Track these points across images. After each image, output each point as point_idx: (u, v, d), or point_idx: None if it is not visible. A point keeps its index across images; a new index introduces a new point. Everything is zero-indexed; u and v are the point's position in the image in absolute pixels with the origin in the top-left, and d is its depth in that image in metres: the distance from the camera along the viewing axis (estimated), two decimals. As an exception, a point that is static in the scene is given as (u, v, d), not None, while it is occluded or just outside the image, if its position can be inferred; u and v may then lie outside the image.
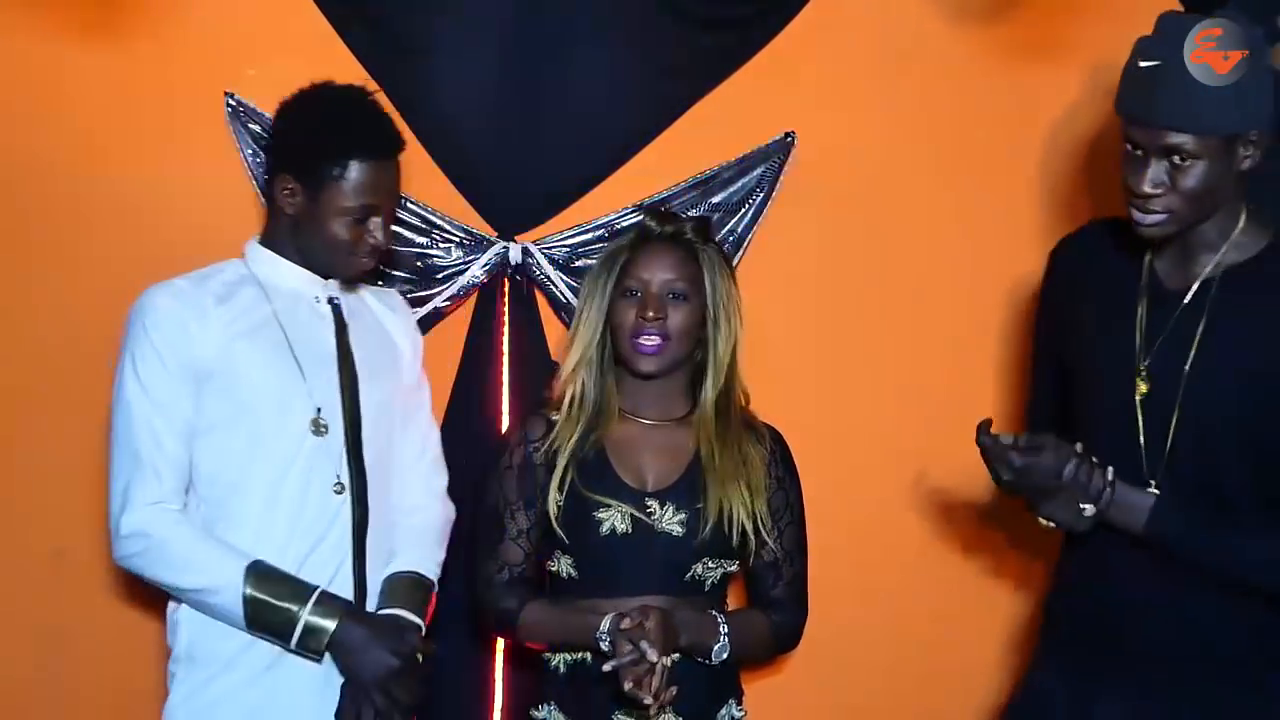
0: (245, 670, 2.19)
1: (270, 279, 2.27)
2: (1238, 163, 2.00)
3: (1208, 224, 2.04)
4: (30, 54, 2.55)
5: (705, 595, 2.28)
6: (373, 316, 2.39)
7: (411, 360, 2.43)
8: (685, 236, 2.32)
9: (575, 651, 2.26)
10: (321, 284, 2.30)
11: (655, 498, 2.27)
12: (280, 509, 2.20)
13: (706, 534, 2.24)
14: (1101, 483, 2.02)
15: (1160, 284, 2.10)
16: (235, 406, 2.19)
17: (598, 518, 2.25)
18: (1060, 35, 2.65)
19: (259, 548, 2.17)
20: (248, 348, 2.20)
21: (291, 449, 2.21)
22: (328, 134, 2.21)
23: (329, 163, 2.19)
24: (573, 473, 2.27)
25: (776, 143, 2.68)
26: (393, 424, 2.35)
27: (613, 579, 2.25)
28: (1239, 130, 1.97)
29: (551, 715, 2.28)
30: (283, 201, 2.23)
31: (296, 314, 2.27)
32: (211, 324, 2.19)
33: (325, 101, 2.25)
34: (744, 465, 2.30)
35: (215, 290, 2.23)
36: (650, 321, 2.25)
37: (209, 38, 2.57)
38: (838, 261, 2.73)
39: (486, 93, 2.63)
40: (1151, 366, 2.06)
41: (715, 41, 2.67)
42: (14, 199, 2.58)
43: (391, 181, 2.27)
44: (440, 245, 2.63)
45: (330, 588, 2.20)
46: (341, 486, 2.23)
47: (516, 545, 2.31)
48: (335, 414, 2.25)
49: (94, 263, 2.54)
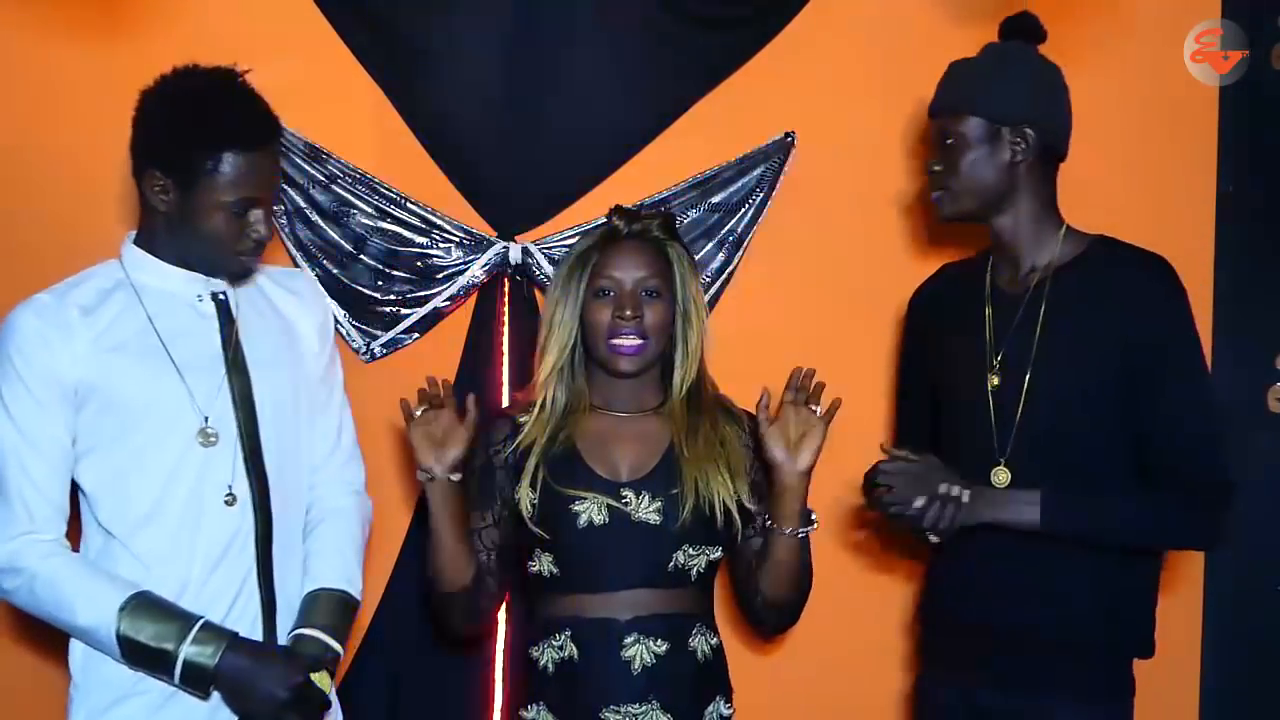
0: (143, 700, 2.07)
1: (145, 282, 2.13)
2: (1005, 152, 2.27)
3: (1028, 235, 2.31)
4: (30, 54, 2.56)
5: (690, 586, 2.27)
6: (268, 305, 2.24)
7: (319, 347, 2.29)
8: (653, 234, 2.32)
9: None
10: (203, 281, 2.15)
11: (630, 487, 2.26)
12: (170, 526, 2.07)
13: (685, 519, 2.24)
14: (951, 514, 2.19)
15: (1001, 291, 2.34)
16: (115, 423, 2.07)
17: (574, 510, 2.24)
18: (1059, 36, 2.64)
19: (158, 569, 2.06)
20: (121, 360, 2.07)
21: (175, 462, 2.08)
22: (196, 125, 2.05)
23: (200, 156, 2.04)
24: (544, 470, 2.26)
25: (776, 143, 2.68)
26: (299, 422, 2.23)
27: (594, 573, 2.24)
28: (1002, 115, 2.26)
29: (540, 715, 2.28)
30: (153, 199, 2.08)
31: (175, 317, 2.12)
32: (77, 340, 2.05)
33: (191, 90, 2.08)
34: (721, 447, 2.29)
35: (81, 301, 2.09)
36: (628, 321, 2.25)
37: (209, 38, 2.56)
38: (837, 261, 2.74)
39: (486, 92, 2.63)
40: (1003, 361, 2.29)
41: (715, 41, 2.68)
42: (13, 199, 2.58)
43: (269, 170, 2.11)
44: (440, 245, 2.63)
45: (236, 604, 2.10)
46: (233, 497, 2.10)
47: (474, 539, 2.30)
48: (227, 420, 2.12)
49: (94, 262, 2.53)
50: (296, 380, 2.23)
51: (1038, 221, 2.32)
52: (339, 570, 2.23)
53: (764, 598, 2.31)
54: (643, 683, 2.20)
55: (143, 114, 2.10)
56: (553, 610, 2.28)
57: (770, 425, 2.23)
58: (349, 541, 2.28)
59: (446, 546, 2.25)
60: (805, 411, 2.24)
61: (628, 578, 2.24)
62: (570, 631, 2.24)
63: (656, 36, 2.65)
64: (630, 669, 2.21)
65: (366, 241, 2.62)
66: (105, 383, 2.06)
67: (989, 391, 2.29)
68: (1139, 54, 2.74)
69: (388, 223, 2.62)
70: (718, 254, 2.68)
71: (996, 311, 2.33)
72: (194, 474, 2.09)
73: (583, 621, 2.24)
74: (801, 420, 2.24)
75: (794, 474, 2.21)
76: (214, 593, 2.09)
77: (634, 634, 2.22)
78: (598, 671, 2.21)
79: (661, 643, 2.22)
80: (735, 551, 2.34)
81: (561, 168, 2.65)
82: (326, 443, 2.29)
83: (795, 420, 2.24)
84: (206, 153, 2.04)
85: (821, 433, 2.22)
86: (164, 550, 2.07)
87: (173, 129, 2.06)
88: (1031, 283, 2.30)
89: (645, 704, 2.20)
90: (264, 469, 2.14)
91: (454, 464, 2.21)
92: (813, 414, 2.24)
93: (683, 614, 2.26)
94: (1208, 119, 2.77)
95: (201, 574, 2.09)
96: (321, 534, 2.25)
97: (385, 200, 2.62)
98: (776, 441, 2.22)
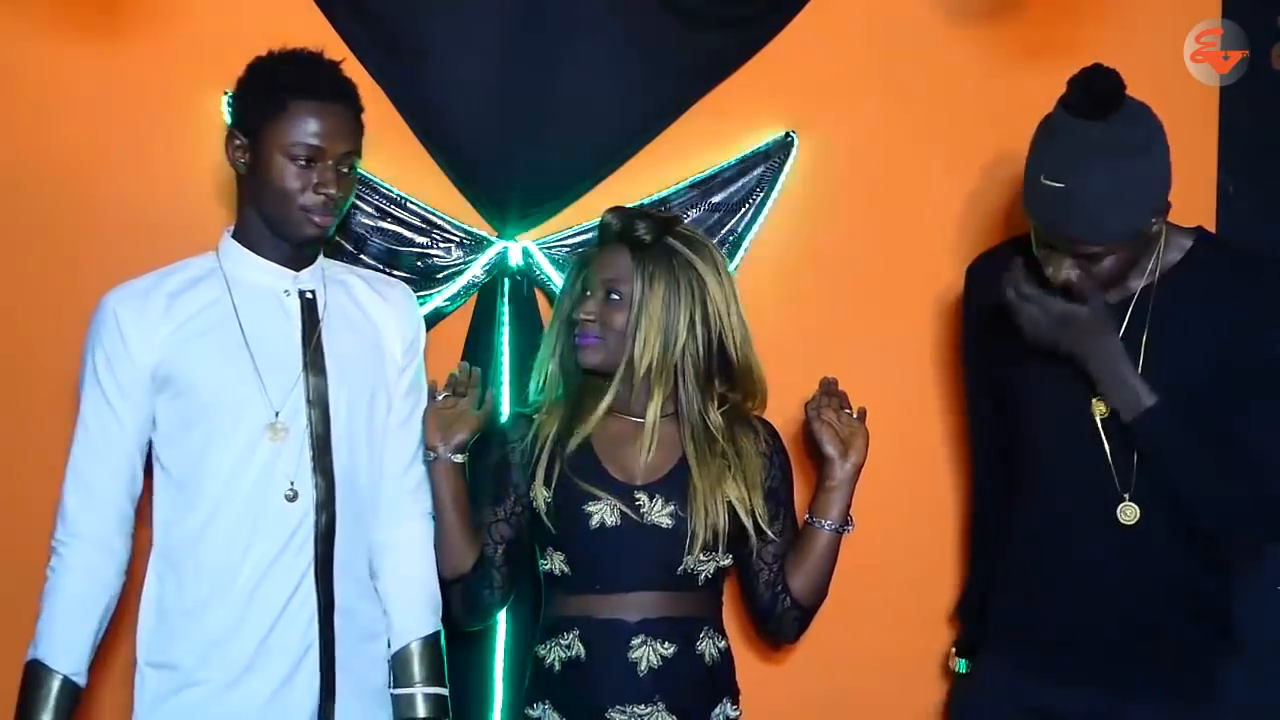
0: (204, 689, 2.13)
1: (236, 273, 2.20)
2: (1148, 237, 2.13)
3: (1138, 255, 2.15)
4: (29, 54, 2.55)
5: (699, 590, 2.29)
6: (358, 309, 2.29)
7: (402, 358, 2.32)
8: (636, 235, 2.33)
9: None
10: (291, 277, 2.22)
11: (644, 491, 2.28)
12: (233, 515, 2.12)
13: (696, 526, 2.25)
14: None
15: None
16: (192, 409, 2.13)
17: (587, 510, 2.26)
18: (1060, 36, 2.65)
19: (215, 554, 2.12)
20: (201, 347, 2.14)
21: (244, 453, 2.13)
22: (268, 78, 2.16)
23: (269, 101, 2.13)
24: (561, 468, 2.29)
25: (776, 143, 2.68)
26: (374, 427, 2.26)
27: (605, 573, 2.26)
28: (1143, 225, 2.09)
29: (546, 714, 2.29)
30: (235, 163, 2.17)
31: (261, 311, 2.19)
32: (159, 325, 2.13)
33: (272, 56, 2.20)
34: (737, 457, 2.32)
35: (172, 288, 2.17)
36: (587, 320, 2.31)
37: (209, 38, 2.56)
38: (838, 261, 2.73)
39: (486, 92, 2.63)
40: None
41: (715, 41, 2.67)
42: (13, 199, 2.57)
43: (337, 129, 2.15)
44: (440, 245, 2.63)
45: (291, 603, 2.14)
46: (295, 493, 2.14)
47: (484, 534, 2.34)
48: (298, 417, 2.16)
49: (94, 263, 2.53)
50: (374, 385, 2.27)
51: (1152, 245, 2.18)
52: (418, 616, 2.27)
53: (790, 597, 2.34)
54: (649, 684, 2.22)
55: (233, 91, 2.22)
56: (562, 609, 2.30)
57: (821, 424, 2.32)
58: (426, 587, 2.30)
59: (448, 530, 2.29)
60: (845, 414, 2.33)
61: (637, 580, 2.25)
62: (579, 631, 2.26)
63: (656, 36, 2.64)
64: (637, 670, 2.22)
65: (366, 241, 2.62)
66: (183, 368, 2.13)
67: (1097, 420, 2.17)
68: (1139, 54, 2.72)
69: (388, 223, 2.62)
70: (718, 254, 2.67)
71: None
72: (260, 466, 2.13)
73: (591, 622, 2.25)
74: (844, 423, 2.33)
75: (846, 470, 2.31)
76: (272, 585, 2.14)
77: (641, 635, 2.23)
78: (604, 672, 2.23)
79: (669, 645, 2.23)
80: (751, 559, 2.35)
81: (561, 168, 2.65)
82: (403, 460, 2.31)
83: (838, 423, 2.33)
84: (274, 96, 2.13)
85: (865, 433, 2.32)
86: (223, 540, 2.13)
87: (249, 85, 2.18)
88: (1136, 289, 2.17)
89: (651, 705, 2.21)
90: (331, 468, 2.17)
91: (460, 446, 2.26)
92: (850, 416, 2.33)
93: (691, 617, 2.28)
94: (1208, 119, 2.77)
95: (261, 563, 2.13)
96: (405, 574, 2.28)
97: (385, 200, 2.61)
98: (831, 438, 2.31)
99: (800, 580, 2.34)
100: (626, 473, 2.30)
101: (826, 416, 2.33)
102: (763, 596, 2.37)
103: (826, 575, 2.35)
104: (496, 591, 2.36)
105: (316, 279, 2.26)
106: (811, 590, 2.35)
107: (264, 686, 2.13)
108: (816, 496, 2.34)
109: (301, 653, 2.15)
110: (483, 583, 2.33)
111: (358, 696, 2.21)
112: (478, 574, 2.32)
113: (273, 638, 2.13)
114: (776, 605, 2.36)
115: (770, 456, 2.38)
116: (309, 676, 2.15)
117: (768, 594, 2.36)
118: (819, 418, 2.33)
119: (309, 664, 2.15)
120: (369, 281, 2.35)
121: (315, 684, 2.16)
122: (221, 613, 2.13)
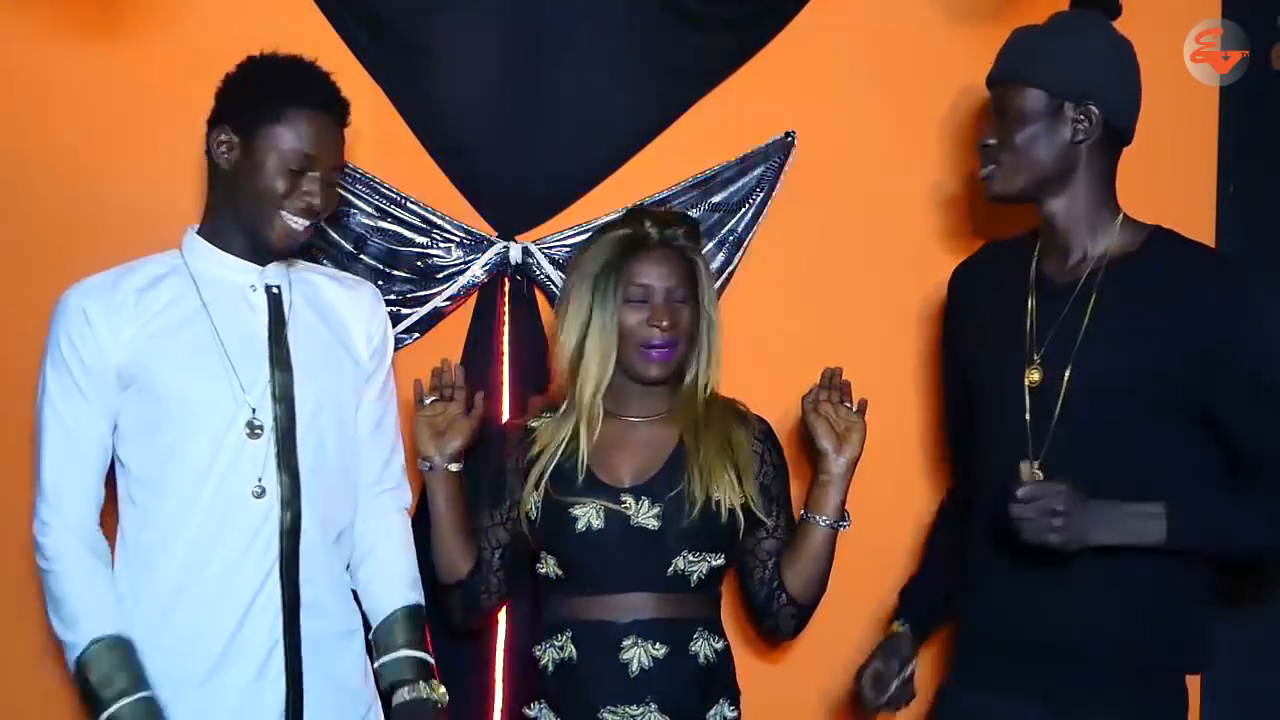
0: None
1: (201, 269, 2.19)
2: (1066, 129, 2.12)
3: (1082, 222, 2.16)
4: (29, 54, 2.55)
5: (693, 591, 2.29)
6: (326, 306, 2.29)
7: (368, 358, 2.31)
8: (679, 242, 2.34)
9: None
10: (257, 272, 2.21)
11: (631, 493, 2.28)
12: (200, 512, 2.11)
13: (684, 524, 2.25)
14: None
15: (1048, 279, 2.20)
16: (160, 407, 2.12)
17: (573, 514, 2.27)
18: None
19: (183, 552, 2.11)
20: (169, 345, 2.13)
21: (214, 450, 2.12)
22: (267, 82, 2.16)
23: (265, 105, 2.13)
24: (549, 474, 2.29)
25: (776, 143, 2.68)
26: (341, 423, 2.25)
27: (595, 576, 2.27)
28: (1067, 92, 2.10)
29: (542, 714, 2.29)
30: (218, 157, 2.16)
31: (227, 306, 2.17)
32: (126, 322, 2.11)
33: (269, 59, 2.21)
34: (730, 448, 2.32)
35: (138, 284, 2.15)
36: (665, 330, 2.28)
37: (209, 38, 2.56)
38: (838, 261, 2.74)
39: (487, 92, 2.63)
40: (1045, 357, 2.15)
41: (715, 41, 2.68)
42: (13, 199, 2.57)
43: (331, 141, 2.18)
44: (440, 245, 2.63)
45: (257, 600, 2.13)
46: (262, 490, 2.13)
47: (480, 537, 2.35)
48: (265, 414, 2.15)
49: (94, 263, 2.51)
50: (340, 383, 2.26)
51: (1094, 207, 2.16)
52: (403, 587, 2.29)
53: (786, 594, 2.34)
54: (640, 684, 2.22)
55: (222, 86, 2.21)
56: (556, 611, 2.31)
57: (816, 418, 2.29)
58: (407, 569, 2.32)
59: (444, 537, 2.31)
60: (843, 409, 2.31)
61: (626, 582, 2.26)
62: (571, 633, 2.27)
63: (656, 36, 2.65)
64: (628, 671, 2.22)
65: (366, 241, 2.62)
66: (150, 366, 2.11)
67: (1025, 388, 2.15)
68: (1139, 54, 2.73)
69: (388, 222, 2.62)
70: (718, 254, 2.68)
71: (1041, 301, 2.19)
72: (227, 463, 2.12)
73: (583, 623, 2.26)
74: (841, 417, 2.30)
75: (840, 464, 2.29)
76: (238, 583, 2.13)
77: (633, 637, 2.23)
78: (595, 672, 2.24)
79: (660, 646, 2.24)
80: (746, 556, 2.35)
81: (561, 168, 2.65)
82: (378, 462, 2.32)
83: (834, 416, 2.30)
84: (271, 102, 2.14)
85: (863, 427, 2.30)
86: (189, 534, 2.11)
87: (245, 84, 2.18)
88: (1083, 273, 2.16)
89: (642, 705, 2.22)
90: (296, 465, 2.16)
91: (454, 454, 2.26)
92: (849, 410, 2.31)
93: (683, 619, 2.28)
94: (1208, 119, 2.77)
95: (228, 561, 2.12)
96: (382, 558, 2.29)
97: (385, 200, 2.62)
98: (826, 432, 2.29)
99: (795, 576, 2.33)
100: (615, 475, 2.30)
101: (823, 410, 2.31)
102: (759, 594, 2.37)
103: (823, 572, 2.34)
104: (493, 595, 2.38)
105: (282, 275, 2.24)
106: (807, 587, 2.34)
107: (234, 683, 2.12)
108: (811, 491, 2.33)
109: (269, 650, 2.14)
110: (479, 587, 2.34)
111: (329, 694, 2.19)
112: (474, 578, 2.33)
113: (240, 635, 2.13)
114: (772, 602, 2.35)
115: (762, 454, 2.37)
116: (277, 674, 2.15)
117: (763, 591, 2.36)
118: (814, 410, 2.31)
119: (276, 661, 2.15)
120: (338, 280, 2.35)
121: (282, 682, 2.15)
122: (190, 611, 2.12)
